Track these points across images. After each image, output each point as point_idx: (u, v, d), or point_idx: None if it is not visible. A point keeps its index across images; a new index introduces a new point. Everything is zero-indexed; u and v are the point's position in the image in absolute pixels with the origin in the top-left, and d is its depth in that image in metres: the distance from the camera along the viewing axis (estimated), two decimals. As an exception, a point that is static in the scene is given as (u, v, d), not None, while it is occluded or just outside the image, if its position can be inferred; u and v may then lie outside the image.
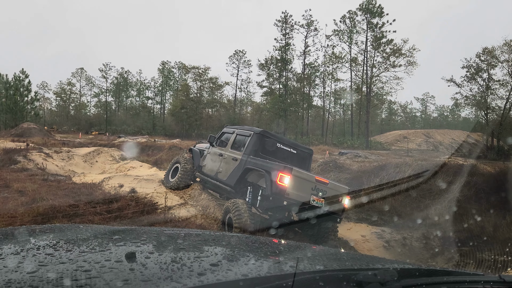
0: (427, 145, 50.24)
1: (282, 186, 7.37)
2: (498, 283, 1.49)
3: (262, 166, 8.03)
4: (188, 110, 59.95)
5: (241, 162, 8.65)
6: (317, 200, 7.61)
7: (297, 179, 7.49)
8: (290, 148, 9.27)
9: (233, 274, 1.25)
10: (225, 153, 9.50)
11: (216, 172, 9.54)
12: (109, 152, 20.61)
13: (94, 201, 8.96)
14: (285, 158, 9.00)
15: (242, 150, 8.85)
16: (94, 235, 1.82)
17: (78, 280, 1.07)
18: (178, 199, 9.97)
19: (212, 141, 10.20)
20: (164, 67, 76.13)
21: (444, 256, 8.32)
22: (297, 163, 8.98)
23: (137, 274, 1.15)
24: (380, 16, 49.11)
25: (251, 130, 9.27)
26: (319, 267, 1.55)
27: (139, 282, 1.09)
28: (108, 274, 1.13)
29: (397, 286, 1.29)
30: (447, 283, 1.45)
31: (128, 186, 11.11)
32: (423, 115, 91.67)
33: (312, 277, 1.24)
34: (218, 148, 9.96)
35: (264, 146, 8.85)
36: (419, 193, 10.98)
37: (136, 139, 37.76)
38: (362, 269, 1.46)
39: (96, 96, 77.45)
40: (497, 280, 1.50)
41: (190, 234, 2.15)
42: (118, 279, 1.10)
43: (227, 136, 9.93)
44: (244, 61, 66.75)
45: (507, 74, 34.60)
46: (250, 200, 8.15)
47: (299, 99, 56.02)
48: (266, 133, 9.10)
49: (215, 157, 9.89)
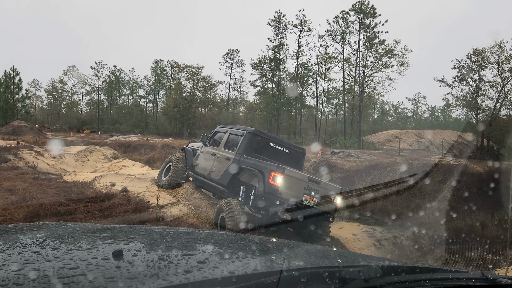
0: (418, 145, 50.58)
1: (275, 185, 7.38)
2: (481, 280, 1.51)
3: (255, 166, 8.03)
4: (181, 109, 59.76)
5: (234, 162, 8.63)
6: (310, 200, 7.61)
7: (289, 179, 7.50)
8: (283, 147, 9.26)
9: (219, 271, 1.25)
10: (218, 152, 9.48)
11: (209, 171, 9.52)
12: (101, 150, 20.51)
13: (85, 199, 8.93)
14: (278, 158, 9.00)
15: (235, 150, 8.83)
16: (82, 233, 1.81)
17: (64, 278, 1.07)
18: (170, 198, 9.96)
19: (205, 140, 10.18)
20: (157, 66, 75.84)
21: (434, 255, 8.41)
22: (290, 163, 8.99)
23: (123, 272, 1.15)
24: (373, 16, 49.36)
25: (244, 129, 9.27)
26: (305, 264, 1.56)
27: (125, 280, 1.09)
28: (94, 271, 1.13)
29: (380, 282, 1.30)
30: (431, 280, 1.46)
31: (120, 185, 11.07)
32: (414, 115, 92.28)
33: (297, 274, 1.25)
34: (211, 147, 9.94)
35: (257, 146, 8.84)
36: (410, 193, 11.09)
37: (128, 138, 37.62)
38: (346, 266, 1.46)
39: (88, 94, 76.97)
40: (479, 277, 1.52)
41: (179, 232, 2.15)
42: (104, 276, 1.10)
43: (220, 135, 9.90)
44: (237, 60, 66.77)
45: (497, 75, 34.99)
46: (243, 199, 8.14)
47: (292, 98, 56.11)
48: (259, 133, 9.10)
49: (208, 157, 9.87)
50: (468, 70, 36.11)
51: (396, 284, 1.35)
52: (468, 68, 36.11)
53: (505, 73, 34.20)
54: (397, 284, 1.36)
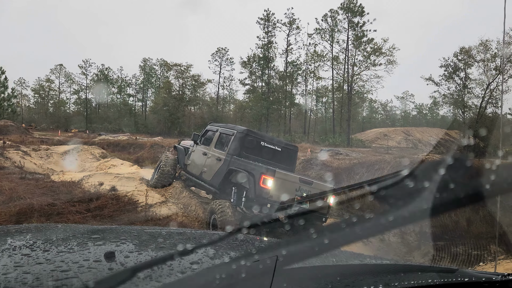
0: (406, 143, 51.12)
1: (265, 188, 7.33)
2: (471, 277, 1.52)
3: (245, 168, 7.96)
4: (170, 107, 59.49)
5: (225, 163, 8.55)
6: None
7: (280, 181, 7.43)
8: (274, 146, 9.17)
9: (213, 271, 1.22)
10: (209, 152, 9.40)
11: (201, 171, 9.44)
12: (89, 150, 20.36)
13: (73, 199, 8.86)
14: (270, 156, 8.95)
15: (226, 150, 8.75)
16: (72, 234, 1.78)
17: (56, 281, 1.05)
18: (159, 197, 9.94)
19: (196, 139, 10.09)
20: (146, 64, 75.37)
21: (421, 251, 8.54)
22: (282, 161, 8.95)
23: None
24: (361, 15, 49.70)
25: (234, 129, 9.17)
26: (298, 263, 1.56)
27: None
28: (86, 274, 1.12)
29: (374, 281, 1.32)
30: (422, 278, 1.47)
31: (109, 184, 11.02)
32: (403, 113, 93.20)
33: (291, 273, 1.26)
34: (202, 146, 9.84)
35: (248, 145, 8.74)
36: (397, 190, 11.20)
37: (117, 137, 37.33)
38: (340, 265, 1.48)
39: (75, 93, 76.17)
40: (470, 274, 1.54)
41: (171, 233, 2.15)
42: (96, 278, 1.08)
43: (210, 134, 9.81)
44: (226, 58, 66.66)
45: (482, 73, 35.51)
46: (234, 200, 8.05)
47: (281, 97, 56.24)
48: (250, 132, 9.00)
49: (199, 156, 9.78)
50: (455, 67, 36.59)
51: (388, 282, 1.38)
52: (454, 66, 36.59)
53: (490, 71, 34.72)
54: (390, 282, 1.38)
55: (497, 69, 34.48)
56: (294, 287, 1.21)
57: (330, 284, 1.26)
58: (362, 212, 4.61)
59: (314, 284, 1.25)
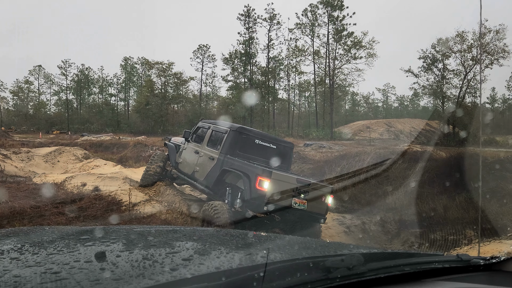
0: (388, 134, 51.90)
1: (262, 190, 6.95)
2: (456, 261, 1.62)
3: (240, 168, 7.59)
4: (153, 106, 59.05)
5: (218, 162, 8.15)
6: (299, 202, 7.22)
7: (277, 182, 7.06)
8: (269, 143, 8.78)
9: (205, 267, 1.26)
10: (201, 150, 8.98)
11: (193, 170, 9.03)
12: (71, 151, 20.15)
13: (56, 201, 8.83)
14: (265, 155, 8.56)
15: (219, 149, 8.34)
16: (60, 236, 1.75)
17: (47, 283, 1.04)
18: (143, 196, 9.97)
19: (187, 136, 9.66)
20: (127, 63, 74.53)
21: (400, 238, 8.79)
22: (277, 159, 8.54)
23: (108, 273, 1.14)
24: (341, 9, 50.06)
25: (227, 126, 8.72)
26: (289, 256, 1.59)
27: (111, 281, 1.07)
28: (78, 274, 1.11)
29: (363, 269, 1.35)
30: (410, 264, 1.52)
31: (92, 184, 11.00)
32: (384, 105, 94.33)
33: (282, 266, 1.27)
34: (194, 144, 9.43)
35: (242, 144, 8.35)
36: (377, 180, 11.48)
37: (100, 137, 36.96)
38: (330, 256, 1.49)
39: (56, 94, 74.90)
40: (455, 259, 1.64)
41: (160, 231, 2.13)
42: (89, 279, 1.08)
43: (202, 131, 9.38)
44: (208, 55, 66.37)
45: (460, 64, 36.21)
46: (229, 202, 7.68)
47: (264, 92, 56.35)
48: (243, 130, 8.66)
49: (191, 154, 9.37)
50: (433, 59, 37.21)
51: (377, 270, 1.40)
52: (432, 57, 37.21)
53: (467, 62, 35.43)
54: (379, 270, 1.40)
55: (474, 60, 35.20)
56: (286, 278, 1.21)
57: (321, 275, 1.28)
58: (343, 203, 4.80)
59: (306, 275, 1.26)
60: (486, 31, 32.85)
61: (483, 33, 31.99)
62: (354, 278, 1.32)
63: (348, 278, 1.31)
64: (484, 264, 1.65)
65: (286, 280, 1.21)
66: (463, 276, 1.59)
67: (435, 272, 1.55)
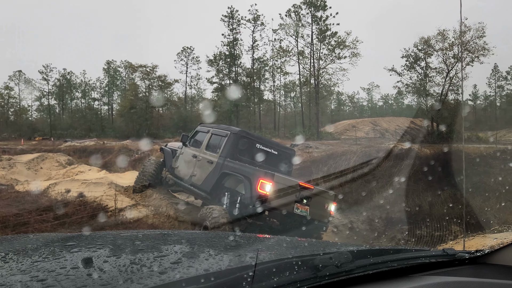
0: (374, 133, 52.44)
1: (263, 193, 6.73)
2: (442, 256, 1.65)
3: (240, 171, 7.39)
4: (138, 110, 58.51)
5: (217, 166, 7.96)
6: (301, 208, 7.03)
7: (279, 186, 6.83)
8: (270, 149, 8.54)
9: (194, 270, 1.25)
10: (200, 154, 8.77)
11: (190, 175, 8.82)
12: (54, 157, 19.87)
13: (40, 208, 8.68)
14: (266, 160, 8.29)
15: (218, 152, 8.16)
16: (45, 243, 1.71)
17: None
18: (129, 201, 9.88)
19: (185, 140, 9.42)
20: (110, 67, 73.67)
21: (388, 236, 8.88)
22: (278, 165, 8.39)
23: (95, 279, 1.12)
24: (324, 9, 50.41)
25: (228, 129, 8.60)
26: (278, 255, 1.59)
27: (98, 287, 1.06)
28: (64, 281, 1.09)
29: (351, 267, 1.35)
30: (397, 260, 1.53)
31: (76, 191, 10.85)
32: (369, 104, 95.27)
33: (272, 266, 1.27)
34: (191, 148, 9.21)
35: (242, 147, 8.18)
36: (364, 179, 11.56)
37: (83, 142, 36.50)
38: (318, 254, 1.49)
39: (37, 100, 73.62)
40: (441, 253, 1.66)
41: (148, 235, 2.11)
42: (75, 285, 1.06)
43: (201, 135, 9.18)
44: (192, 57, 66.10)
45: (442, 62, 36.81)
46: (227, 207, 7.49)
47: (249, 93, 56.37)
48: (245, 133, 8.52)
49: (189, 159, 9.14)
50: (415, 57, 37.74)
51: (366, 267, 1.41)
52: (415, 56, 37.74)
53: (449, 60, 36.05)
54: (367, 267, 1.41)
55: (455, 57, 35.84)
56: (275, 278, 1.21)
57: (310, 273, 1.29)
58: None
59: (295, 274, 1.27)
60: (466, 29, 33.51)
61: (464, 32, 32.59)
62: (343, 276, 1.33)
63: (337, 276, 1.31)
64: (469, 258, 1.68)
65: (276, 279, 1.21)
66: (449, 270, 1.61)
67: (422, 267, 1.56)
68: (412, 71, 38.89)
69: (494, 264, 1.64)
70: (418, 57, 38.23)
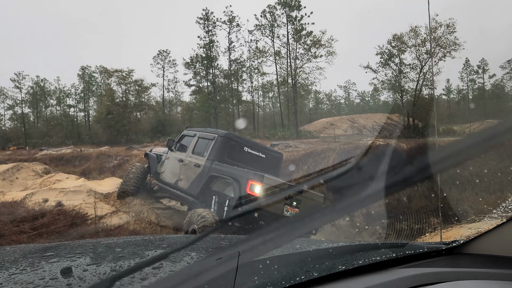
0: (352, 130, 53.13)
1: (253, 195, 6.67)
2: (419, 248, 1.68)
3: (229, 173, 7.32)
4: (115, 115, 57.65)
5: (205, 169, 7.88)
6: (291, 211, 7.02)
7: (269, 188, 6.76)
8: (258, 152, 8.57)
9: (175, 274, 1.25)
10: (186, 158, 8.69)
11: (176, 179, 8.73)
12: (30, 167, 19.37)
13: (16, 219, 8.47)
14: (253, 163, 8.30)
15: (206, 155, 8.09)
16: (23, 255, 1.68)
17: None
18: (110, 207, 9.75)
19: (170, 145, 9.34)
20: (85, 72, 72.36)
21: (368, 231, 9.02)
22: (266, 169, 8.30)
23: None
24: (298, 9, 50.83)
25: (215, 132, 8.58)
26: (260, 256, 1.57)
27: None
28: None
29: (332, 263, 1.38)
30: (376, 254, 1.55)
31: (54, 200, 10.63)
32: (347, 101, 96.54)
33: (253, 267, 1.27)
34: (177, 153, 9.11)
35: (230, 151, 8.14)
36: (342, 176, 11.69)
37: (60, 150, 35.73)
38: (300, 252, 1.50)
39: (10, 109, 71.65)
40: (418, 246, 1.70)
41: (128, 241, 2.08)
42: None
43: (187, 139, 9.09)
44: (169, 61, 65.62)
45: (415, 58, 37.64)
46: (215, 210, 7.37)
47: (228, 95, 56.31)
48: (232, 136, 8.51)
49: (175, 163, 9.05)
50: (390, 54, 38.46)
51: (346, 262, 1.43)
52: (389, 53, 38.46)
53: (422, 55, 36.89)
54: (347, 262, 1.43)
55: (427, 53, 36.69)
56: (257, 279, 1.22)
57: (292, 272, 1.29)
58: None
59: (276, 274, 1.27)
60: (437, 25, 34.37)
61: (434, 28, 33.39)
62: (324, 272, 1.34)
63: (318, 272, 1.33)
64: (446, 249, 1.71)
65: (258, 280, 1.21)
66: (426, 262, 1.64)
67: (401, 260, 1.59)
68: (386, 67, 39.70)
69: (470, 254, 1.68)
70: (392, 53, 39.03)
